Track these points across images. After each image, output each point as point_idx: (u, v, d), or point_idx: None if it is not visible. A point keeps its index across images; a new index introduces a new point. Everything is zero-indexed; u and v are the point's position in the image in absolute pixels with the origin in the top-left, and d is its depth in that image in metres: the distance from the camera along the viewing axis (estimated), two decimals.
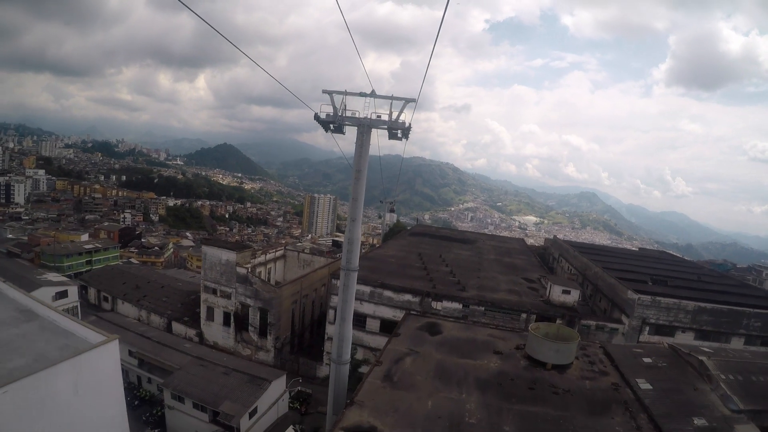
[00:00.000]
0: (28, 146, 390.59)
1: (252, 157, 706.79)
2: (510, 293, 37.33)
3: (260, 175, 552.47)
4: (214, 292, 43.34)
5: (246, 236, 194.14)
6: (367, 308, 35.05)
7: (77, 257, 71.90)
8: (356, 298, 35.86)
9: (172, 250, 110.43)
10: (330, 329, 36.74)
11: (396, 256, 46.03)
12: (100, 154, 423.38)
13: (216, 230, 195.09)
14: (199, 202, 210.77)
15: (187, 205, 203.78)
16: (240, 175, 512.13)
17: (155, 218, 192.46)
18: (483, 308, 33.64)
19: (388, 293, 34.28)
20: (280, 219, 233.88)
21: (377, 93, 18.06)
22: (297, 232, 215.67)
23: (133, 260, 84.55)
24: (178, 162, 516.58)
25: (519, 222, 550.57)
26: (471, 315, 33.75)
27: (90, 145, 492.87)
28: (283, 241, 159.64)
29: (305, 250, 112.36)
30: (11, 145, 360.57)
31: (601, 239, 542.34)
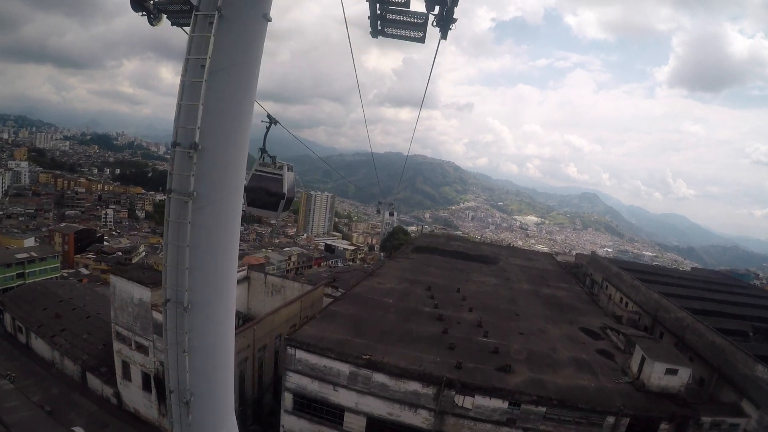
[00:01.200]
0: (24, 137, 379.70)
1: (253, 153, 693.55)
2: (578, 369, 22.77)
3: None
4: (129, 342, 29.03)
5: None
6: (345, 398, 20.53)
7: (5, 269, 57.56)
8: (329, 383, 21.45)
9: (144, 254, 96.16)
10: (287, 422, 22.31)
11: (395, 292, 31.36)
12: (96, 146, 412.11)
13: None
14: None
15: None
16: None
17: (141, 215, 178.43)
18: (543, 409, 19.13)
19: (380, 378, 19.74)
20: None
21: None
22: (292, 231, 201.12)
23: (84, 270, 70.27)
24: None
25: (520, 222, 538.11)
26: (522, 419, 19.27)
27: (89, 137, 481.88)
28: (264, 250, 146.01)
29: (291, 259, 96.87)
30: (5, 136, 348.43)
31: (603, 240, 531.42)
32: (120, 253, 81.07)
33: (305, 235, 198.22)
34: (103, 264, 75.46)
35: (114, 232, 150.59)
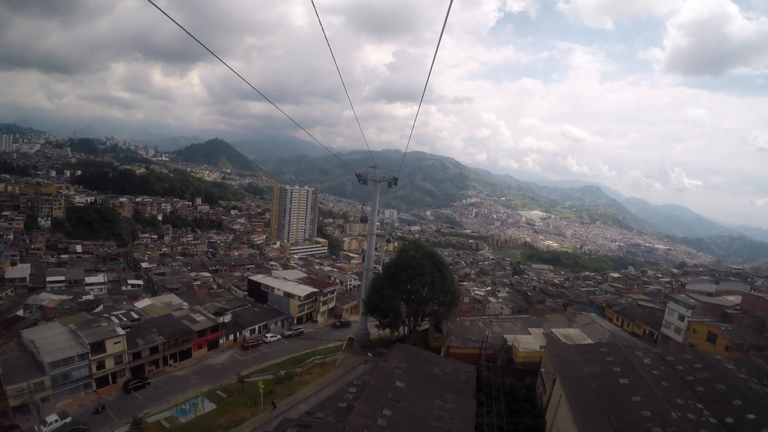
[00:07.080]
0: None
1: (250, 155, 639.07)
2: None
3: (253, 171, 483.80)
4: None
5: (181, 247, 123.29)
6: None
7: None
8: None
9: None
10: None
11: None
12: (68, 148, 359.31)
13: (137, 238, 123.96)
14: (122, 199, 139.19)
15: (100, 203, 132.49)
16: (229, 171, 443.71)
17: (45, 223, 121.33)
18: None
19: None
20: (242, 220, 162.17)
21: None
22: (260, 239, 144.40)
23: None
24: (164, 158, 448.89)
25: (526, 217, 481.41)
26: None
27: (68, 142, 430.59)
28: (203, 274, 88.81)
29: (109, 353, 35.87)
30: None
31: (612, 234, 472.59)
32: None
33: (277, 243, 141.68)
34: None
35: None
